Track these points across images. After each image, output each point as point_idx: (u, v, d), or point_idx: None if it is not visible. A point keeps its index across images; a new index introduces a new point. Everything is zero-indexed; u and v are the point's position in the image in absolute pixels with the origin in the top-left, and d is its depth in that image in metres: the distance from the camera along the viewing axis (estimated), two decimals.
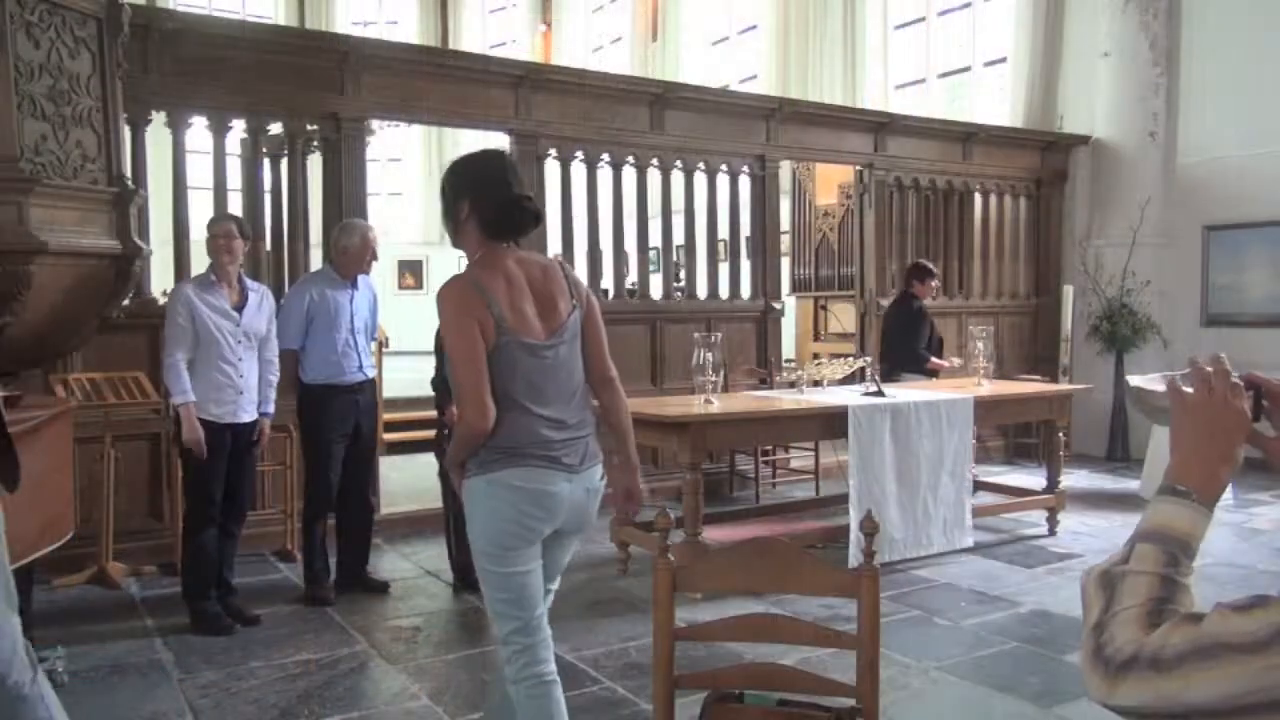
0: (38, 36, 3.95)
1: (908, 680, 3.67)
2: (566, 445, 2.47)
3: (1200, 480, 1.07)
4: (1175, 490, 1.07)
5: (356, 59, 5.91)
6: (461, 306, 2.38)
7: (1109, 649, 0.97)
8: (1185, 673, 0.90)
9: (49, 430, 3.34)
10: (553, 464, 2.44)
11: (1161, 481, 1.10)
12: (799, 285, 11.02)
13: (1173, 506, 1.06)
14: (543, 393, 2.44)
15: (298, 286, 4.87)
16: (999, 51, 10.46)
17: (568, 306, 2.52)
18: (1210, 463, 1.07)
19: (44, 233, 3.86)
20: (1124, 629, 0.97)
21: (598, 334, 2.60)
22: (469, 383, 2.36)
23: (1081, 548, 5.60)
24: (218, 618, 4.19)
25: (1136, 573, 1.02)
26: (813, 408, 5.22)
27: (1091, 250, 8.84)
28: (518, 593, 2.44)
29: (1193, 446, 1.09)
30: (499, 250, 2.48)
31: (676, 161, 7.20)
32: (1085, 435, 8.61)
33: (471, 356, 2.36)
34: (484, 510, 2.42)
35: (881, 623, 1.88)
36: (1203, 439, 1.09)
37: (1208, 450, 1.08)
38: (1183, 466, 1.09)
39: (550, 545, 2.56)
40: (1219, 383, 1.09)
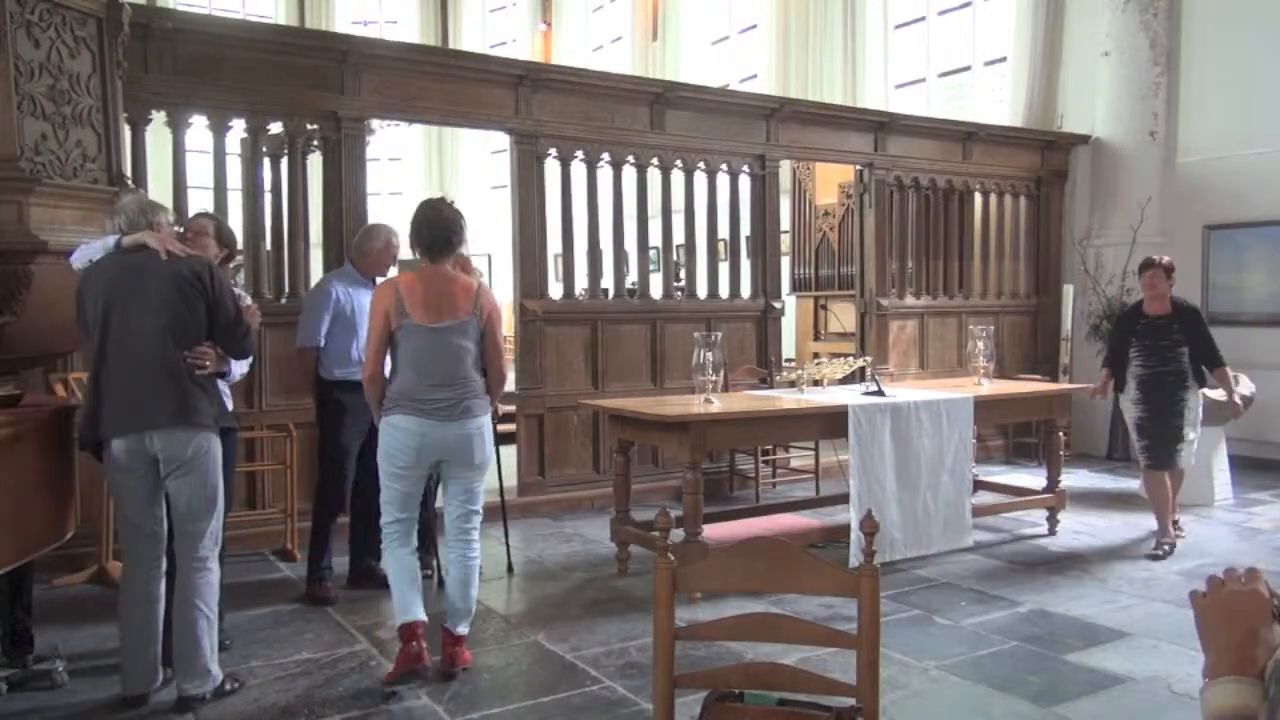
0: (38, 36, 3.95)
1: (908, 679, 3.67)
2: (441, 401, 3.58)
3: (1232, 662, 1.11)
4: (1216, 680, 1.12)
5: (356, 58, 5.91)
6: (380, 299, 3.65)
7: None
8: None
9: (41, 433, 3.34)
10: (424, 413, 3.57)
11: (1204, 679, 1.14)
12: (799, 285, 11.02)
13: (1219, 689, 1.10)
14: (426, 363, 3.58)
15: (321, 285, 4.85)
16: (999, 51, 10.46)
17: (466, 312, 3.65)
18: (1237, 644, 1.12)
19: (44, 232, 3.86)
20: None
21: (494, 338, 3.77)
22: (368, 350, 3.70)
23: (1082, 547, 5.60)
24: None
25: None
26: (813, 407, 5.22)
27: (1092, 250, 8.84)
28: (398, 499, 3.70)
29: (1217, 635, 1.14)
30: (426, 267, 3.68)
31: (677, 161, 7.20)
32: (1085, 435, 8.62)
33: (374, 333, 3.64)
34: (382, 440, 3.66)
35: (881, 622, 1.88)
36: (1223, 625, 1.14)
37: (1231, 634, 1.13)
38: (1217, 659, 1.13)
39: (446, 474, 3.73)
40: (1229, 577, 1.17)
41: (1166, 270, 5.47)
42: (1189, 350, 5.42)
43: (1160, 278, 5.45)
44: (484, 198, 17.95)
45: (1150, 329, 5.49)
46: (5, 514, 3.16)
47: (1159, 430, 5.45)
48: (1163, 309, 5.47)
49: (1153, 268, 5.49)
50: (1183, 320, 5.47)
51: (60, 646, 3.79)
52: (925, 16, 11.74)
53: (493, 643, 4.11)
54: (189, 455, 3.35)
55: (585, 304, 7.06)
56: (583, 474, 6.79)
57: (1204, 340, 5.47)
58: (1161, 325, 5.46)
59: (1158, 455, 5.47)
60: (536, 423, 6.64)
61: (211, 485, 3.44)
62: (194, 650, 3.39)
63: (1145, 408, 5.48)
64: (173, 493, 3.41)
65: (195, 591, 3.42)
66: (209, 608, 3.44)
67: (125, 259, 3.37)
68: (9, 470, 3.19)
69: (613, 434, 5.43)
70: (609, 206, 6.96)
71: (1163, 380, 5.41)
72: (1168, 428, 5.43)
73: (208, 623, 3.43)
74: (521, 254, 6.62)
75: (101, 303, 3.32)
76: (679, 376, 6.80)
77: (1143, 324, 5.53)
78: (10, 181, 3.78)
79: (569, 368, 6.79)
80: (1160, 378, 5.43)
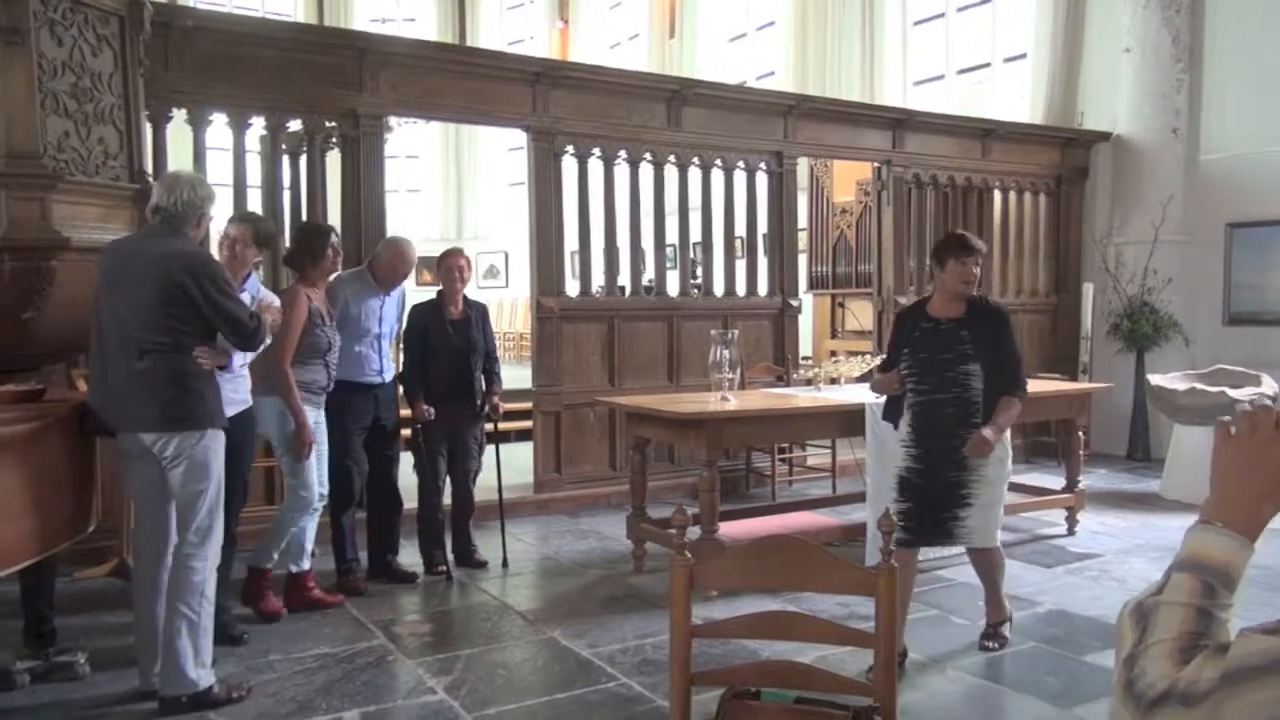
0: (60, 34, 3.98)
1: (925, 679, 3.66)
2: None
3: (1237, 514, 1.03)
4: (1211, 524, 1.03)
5: (375, 56, 5.93)
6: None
7: (1140, 684, 0.94)
8: (1215, 702, 0.87)
9: (63, 427, 3.37)
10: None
11: (1198, 517, 1.06)
12: (816, 282, 10.98)
13: (1209, 536, 1.02)
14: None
15: (332, 287, 4.87)
16: (1019, 48, 10.38)
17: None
18: (1250, 499, 1.03)
19: (67, 229, 3.89)
20: (1155, 664, 0.95)
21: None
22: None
23: (1101, 548, 5.56)
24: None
25: (1170, 604, 0.99)
26: (830, 405, 5.20)
27: (1112, 248, 8.77)
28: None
29: (1232, 481, 1.05)
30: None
31: (694, 158, 7.19)
32: (1105, 435, 8.55)
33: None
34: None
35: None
36: (1243, 474, 1.05)
37: (1248, 486, 1.04)
38: (1220, 502, 1.05)
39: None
40: (1264, 419, 1.05)
41: (979, 257, 3.81)
42: (982, 369, 3.77)
43: (973, 265, 3.78)
44: (501, 195, 17.99)
45: (932, 336, 3.82)
46: (28, 508, 3.19)
47: (927, 488, 3.83)
48: (958, 311, 3.82)
49: (965, 252, 3.76)
50: (977, 327, 3.80)
51: (82, 639, 3.83)
52: (944, 13, 11.67)
53: (509, 639, 4.12)
54: (171, 453, 3.30)
55: (602, 301, 7.07)
56: (599, 471, 6.80)
57: (1007, 356, 3.83)
58: (946, 332, 3.80)
59: (914, 527, 3.83)
60: (553, 420, 6.65)
61: (198, 482, 3.34)
62: (168, 650, 3.32)
63: (915, 453, 3.86)
64: (170, 485, 3.37)
65: (175, 589, 3.34)
66: (190, 608, 3.33)
67: (119, 245, 3.41)
68: (32, 465, 3.22)
69: (629, 431, 5.44)
70: (626, 204, 6.96)
71: (941, 413, 3.80)
72: (941, 484, 3.82)
73: (188, 624, 3.32)
74: (538, 251, 6.63)
75: (100, 289, 3.35)
76: (696, 374, 6.79)
77: (923, 329, 3.85)
78: (33, 179, 3.81)
79: (586, 365, 6.80)
80: (939, 408, 3.81)
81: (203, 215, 3.46)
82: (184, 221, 3.39)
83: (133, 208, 4.32)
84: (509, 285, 17.11)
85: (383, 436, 4.87)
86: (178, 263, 3.26)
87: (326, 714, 3.33)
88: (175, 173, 3.67)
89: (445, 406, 4.95)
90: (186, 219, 3.39)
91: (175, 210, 3.35)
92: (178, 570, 3.36)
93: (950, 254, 3.78)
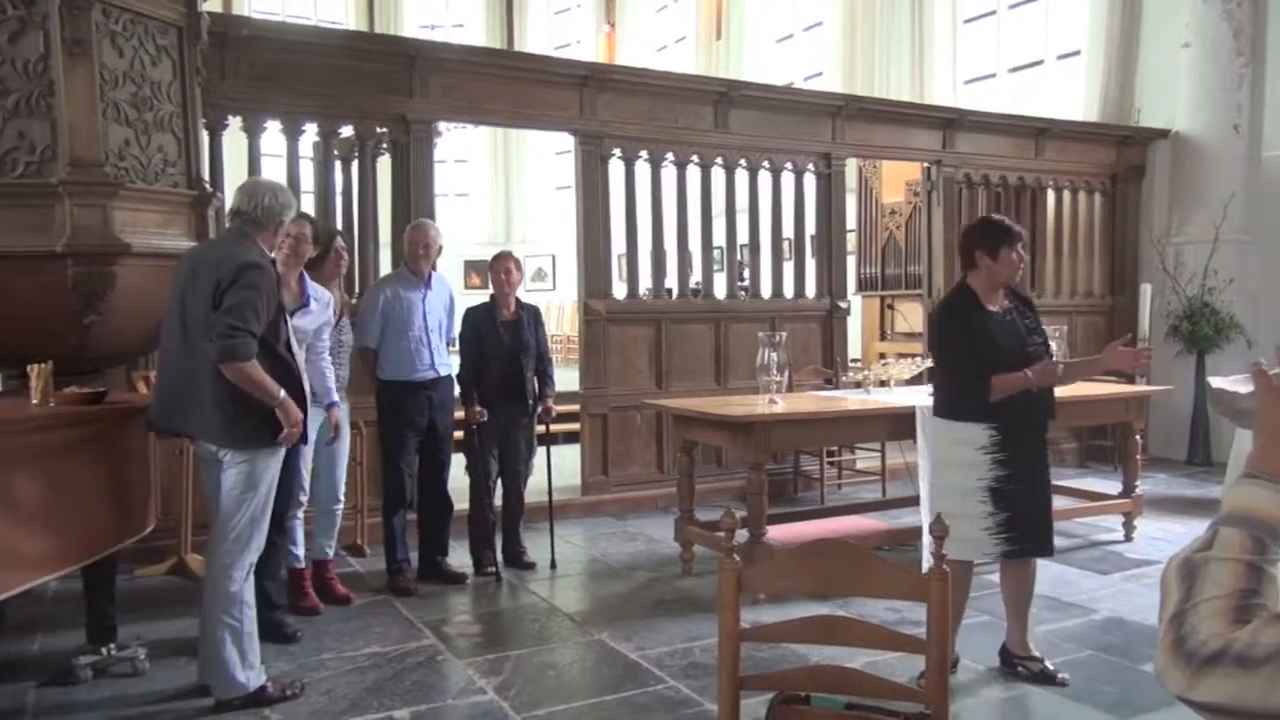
0: (121, 45, 4.08)
1: (977, 686, 3.60)
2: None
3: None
4: (1258, 476, 0.99)
5: (424, 62, 6.00)
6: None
7: (1192, 641, 0.91)
8: (1273, 672, 0.85)
9: (124, 429, 3.45)
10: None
11: (1243, 468, 1.02)
12: (865, 284, 10.89)
13: (1257, 489, 0.98)
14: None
15: (374, 287, 5.03)
16: (1073, 44, 10.20)
17: None
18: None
19: (127, 235, 3.98)
20: (1208, 621, 0.91)
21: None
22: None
23: (1160, 555, 5.43)
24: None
25: (1220, 559, 0.95)
26: (879, 408, 5.14)
27: (1171, 248, 8.57)
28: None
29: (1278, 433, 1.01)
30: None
31: (741, 160, 7.16)
32: (1164, 439, 8.36)
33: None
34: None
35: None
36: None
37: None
38: (1266, 452, 1.01)
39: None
40: None
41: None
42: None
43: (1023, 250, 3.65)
44: (549, 199, 18.10)
45: (1000, 329, 3.63)
46: (90, 507, 3.28)
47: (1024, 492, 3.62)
48: (1005, 302, 3.71)
49: (1016, 238, 3.61)
50: (1030, 314, 3.77)
51: (141, 635, 3.91)
52: (995, 10, 11.51)
53: (557, 640, 4.14)
54: (229, 460, 3.33)
55: (649, 304, 7.07)
56: (646, 474, 6.80)
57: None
58: (1010, 324, 3.66)
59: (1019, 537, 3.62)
60: (600, 422, 6.67)
61: (245, 491, 3.33)
62: (214, 659, 3.35)
63: (1002, 457, 3.60)
64: (220, 487, 3.38)
65: (215, 599, 3.35)
66: (232, 616, 3.33)
67: (191, 251, 3.50)
68: (94, 465, 3.31)
69: (676, 434, 5.43)
70: (673, 206, 6.96)
71: (1027, 410, 3.62)
72: (1039, 485, 3.69)
73: (231, 632, 3.33)
74: (586, 254, 6.65)
75: (171, 294, 3.43)
76: (743, 377, 6.76)
77: (993, 323, 3.65)
78: (96, 186, 3.91)
79: (633, 367, 6.81)
80: (1025, 406, 3.61)
81: (280, 223, 3.50)
82: (261, 227, 3.43)
83: (190, 213, 4.42)
84: (556, 288, 17.20)
85: (435, 438, 4.92)
86: (228, 266, 3.24)
87: (378, 712, 3.37)
88: (256, 179, 3.72)
89: (497, 408, 4.99)
90: (264, 225, 3.43)
91: (254, 215, 3.40)
92: (217, 578, 3.35)
93: (1002, 241, 3.58)
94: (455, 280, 15.89)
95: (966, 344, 3.57)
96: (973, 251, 3.64)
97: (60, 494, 3.11)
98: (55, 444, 3.18)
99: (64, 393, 3.39)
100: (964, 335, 3.58)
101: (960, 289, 3.71)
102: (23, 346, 3.70)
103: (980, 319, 3.59)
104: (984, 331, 3.56)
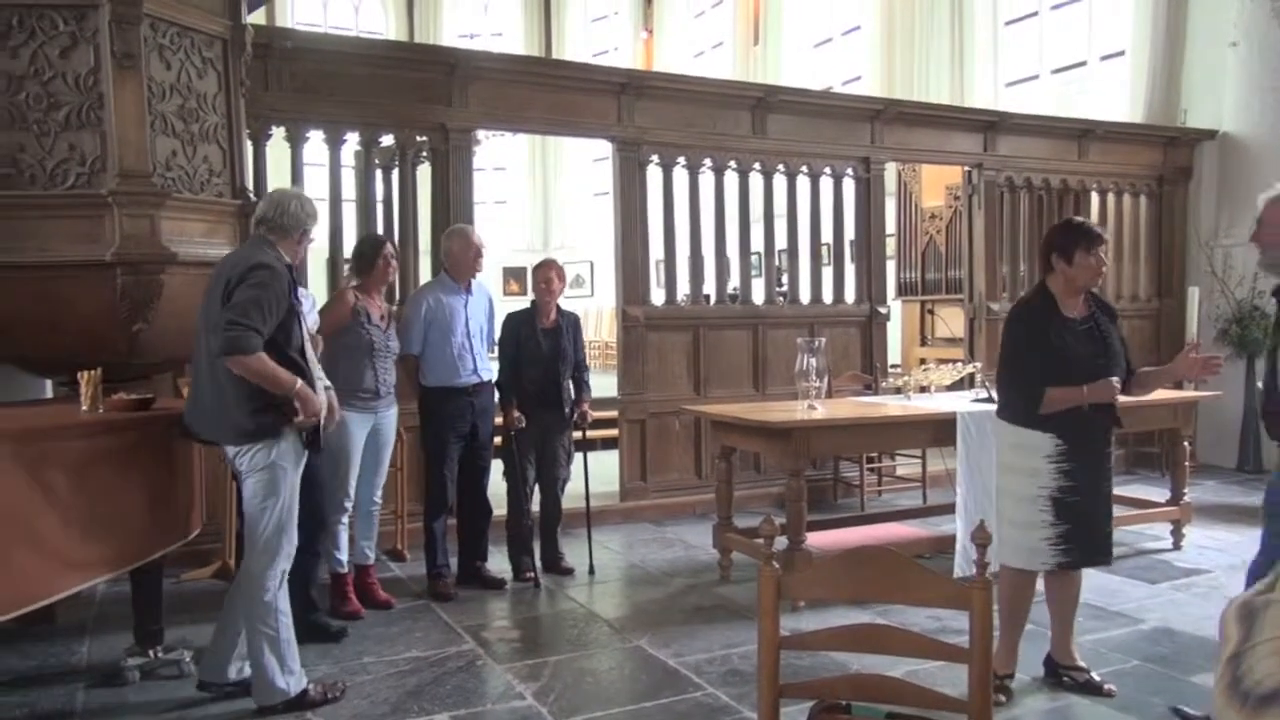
0: (169, 58, 4.16)
1: (1021, 697, 3.55)
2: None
3: None
4: None
5: (464, 71, 6.05)
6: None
7: (1248, 680, 0.89)
8: None
9: (169, 435, 3.51)
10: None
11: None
12: (905, 289, 10.80)
13: None
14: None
15: (416, 295, 5.08)
16: (1117, 44, 10.05)
17: None
18: None
19: (174, 244, 4.06)
20: (1265, 661, 0.90)
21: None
22: None
23: (1209, 563, 5.33)
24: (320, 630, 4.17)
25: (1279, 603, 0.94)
26: (920, 414, 5.09)
27: (1219, 250, 8.40)
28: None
29: None
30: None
31: (779, 165, 7.14)
32: (1213, 445, 8.19)
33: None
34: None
35: (994, 636, 1.82)
36: None
37: None
38: None
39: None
40: None
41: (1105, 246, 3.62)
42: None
43: (1104, 254, 3.59)
44: (586, 205, 18.16)
45: (1074, 337, 3.56)
46: (137, 512, 3.34)
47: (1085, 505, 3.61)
48: (1085, 308, 3.65)
49: (1095, 241, 3.54)
50: (1110, 322, 3.72)
51: (187, 638, 3.98)
52: (1038, 11, 11.38)
53: (596, 646, 4.14)
54: (245, 466, 3.33)
55: (687, 310, 7.06)
56: (685, 479, 6.79)
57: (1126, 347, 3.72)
58: (1086, 332, 3.59)
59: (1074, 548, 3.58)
60: (639, 428, 6.67)
61: (264, 498, 3.32)
62: (255, 666, 3.39)
63: (1067, 468, 3.58)
64: (243, 496, 3.42)
65: (251, 609, 3.36)
66: (268, 625, 3.34)
67: (221, 258, 3.52)
68: (141, 470, 3.37)
69: (715, 440, 5.42)
70: (711, 212, 6.95)
71: (1094, 421, 3.66)
72: (1100, 498, 3.69)
73: (268, 640, 3.34)
74: (624, 260, 6.67)
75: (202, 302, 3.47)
76: (782, 382, 6.73)
77: (1067, 330, 3.59)
78: (144, 196, 3.99)
79: (671, 373, 6.80)
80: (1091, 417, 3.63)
81: (305, 231, 3.53)
82: (285, 233, 3.47)
83: (235, 223, 4.49)
84: (594, 295, 17.26)
85: (477, 444, 4.95)
86: (240, 267, 3.27)
87: (418, 716, 3.39)
88: (282, 189, 3.78)
89: (535, 414, 5.02)
90: (288, 231, 3.47)
91: (280, 222, 3.44)
92: (251, 588, 3.36)
93: (1079, 244, 3.47)
94: (494, 287, 16.07)
95: (1029, 348, 3.48)
96: (1049, 255, 3.56)
97: (109, 498, 3.18)
98: (104, 449, 3.24)
99: (112, 399, 3.45)
100: (1029, 339, 3.49)
101: (1039, 290, 3.62)
102: (73, 354, 3.78)
103: (1051, 325, 3.48)
104: (1051, 338, 3.46)
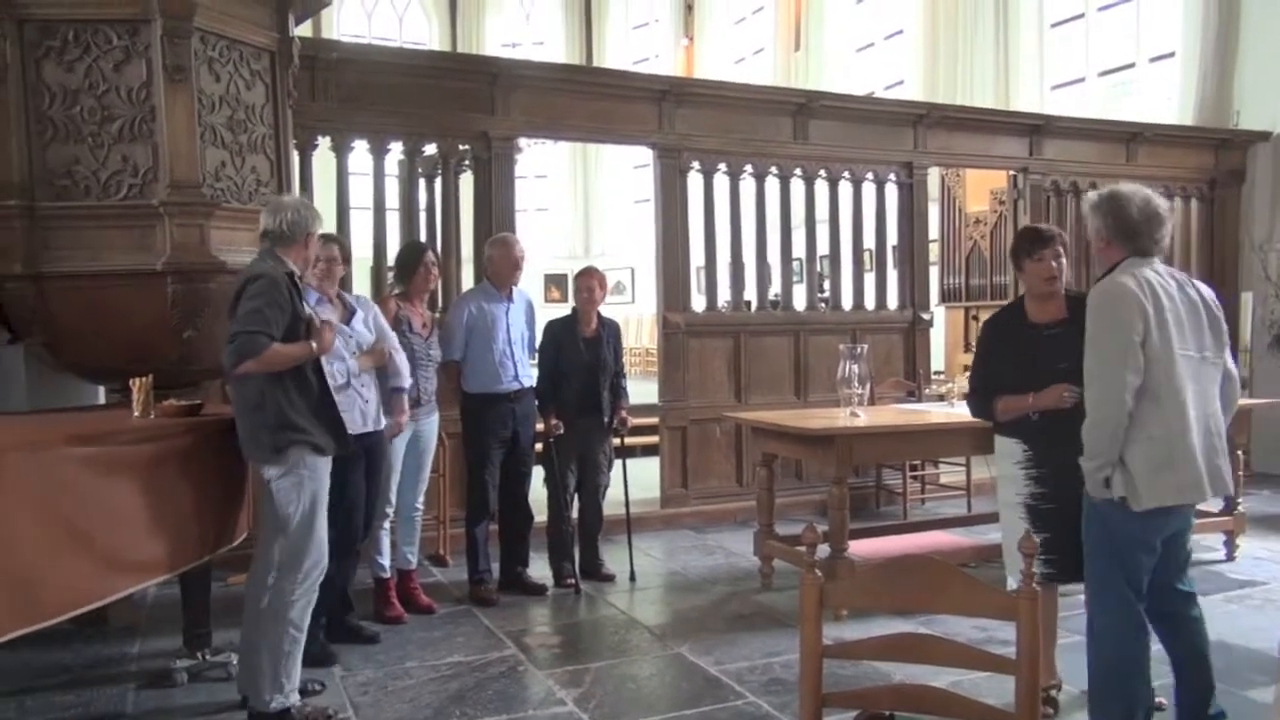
0: (218, 71, 4.25)
1: (1069, 710, 3.49)
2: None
3: None
4: None
5: (506, 80, 6.10)
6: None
7: None
8: None
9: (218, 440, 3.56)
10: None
11: None
12: (948, 295, 10.69)
13: None
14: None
15: (458, 302, 5.15)
16: (1166, 46, 9.88)
17: None
18: None
19: (223, 253, 4.13)
20: None
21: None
22: None
23: (1265, 575, 5.19)
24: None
25: None
26: (964, 421, 5.01)
27: (1273, 254, 8.21)
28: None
29: None
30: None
31: (820, 171, 7.11)
32: (1269, 454, 7.99)
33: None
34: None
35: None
36: None
37: None
38: None
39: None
40: None
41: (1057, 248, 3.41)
42: None
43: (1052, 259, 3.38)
44: (627, 212, 18.20)
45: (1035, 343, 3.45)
46: (187, 516, 3.39)
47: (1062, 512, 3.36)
48: (1059, 313, 3.44)
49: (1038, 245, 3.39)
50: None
51: (234, 641, 4.02)
52: (1084, 13, 11.22)
53: (636, 653, 4.13)
54: (267, 476, 3.34)
55: (728, 316, 7.05)
56: (725, 487, 6.77)
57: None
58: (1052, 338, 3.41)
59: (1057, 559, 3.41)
60: (679, 435, 6.67)
61: (285, 506, 3.31)
62: (246, 665, 3.40)
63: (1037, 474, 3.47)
64: (265, 507, 3.42)
65: (268, 615, 3.32)
66: (273, 636, 3.30)
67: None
68: (191, 475, 3.43)
69: (756, 447, 5.39)
70: (752, 218, 6.93)
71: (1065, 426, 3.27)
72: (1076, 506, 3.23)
73: (269, 647, 3.30)
74: (664, 267, 6.67)
75: None
76: (823, 389, 6.69)
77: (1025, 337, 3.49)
78: (194, 206, 4.07)
79: (712, 380, 6.79)
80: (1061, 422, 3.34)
81: (310, 234, 3.45)
82: (290, 241, 3.39)
83: None
84: (635, 301, 17.28)
85: (518, 450, 4.98)
86: (238, 285, 3.29)
87: None
88: (279, 197, 3.76)
89: (575, 422, 5.03)
90: (293, 239, 3.39)
91: (281, 231, 3.37)
92: (273, 598, 3.33)
93: (1023, 250, 3.41)
94: (535, 294, 16.15)
95: (988, 354, 3.54)
96: (1013, 265, 3.60)
97: (160, 502, 3.23)
98: (156, 455, 3.30)
99: (163, 405, 3.52)
100: (989, 345, 3.55)
101: (1017, 299, 3.63)
102: (125, 360, 3.87)
103: (1016, 332, 3.44)
104: (1012, 345, 3.44)
